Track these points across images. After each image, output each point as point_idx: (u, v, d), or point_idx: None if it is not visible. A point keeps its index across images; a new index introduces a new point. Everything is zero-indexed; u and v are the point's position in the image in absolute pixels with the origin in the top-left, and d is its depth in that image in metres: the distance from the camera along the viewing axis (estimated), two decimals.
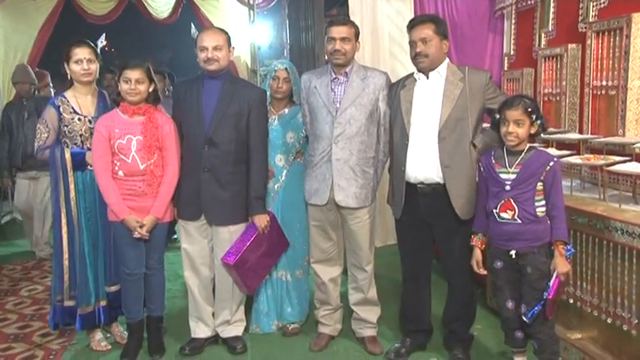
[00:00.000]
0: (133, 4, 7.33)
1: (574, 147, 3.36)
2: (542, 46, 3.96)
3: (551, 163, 2.51)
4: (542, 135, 3.36)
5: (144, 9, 7.39)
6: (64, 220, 3.00)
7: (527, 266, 2.54)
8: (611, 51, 3.19)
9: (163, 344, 3.18)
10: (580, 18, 3.58)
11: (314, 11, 5.65)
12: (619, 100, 3.11)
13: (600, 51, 3.27)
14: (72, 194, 2.98)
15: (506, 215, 2.55)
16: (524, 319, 2.54)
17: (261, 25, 8.13)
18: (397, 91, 2.92)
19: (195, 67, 3.24)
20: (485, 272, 2.74)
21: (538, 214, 2.52)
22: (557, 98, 3.68)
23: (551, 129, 3.61)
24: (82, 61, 2.99)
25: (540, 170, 2.50)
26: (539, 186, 2.51)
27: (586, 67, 3.39)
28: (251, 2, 7.67)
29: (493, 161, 2.61)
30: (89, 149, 2.99)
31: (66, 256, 3.03)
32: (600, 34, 3.26)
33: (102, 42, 3.21)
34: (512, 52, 4.45)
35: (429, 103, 2.80)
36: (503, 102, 2.60)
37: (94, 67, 3.05)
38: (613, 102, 3.17)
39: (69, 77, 3.07)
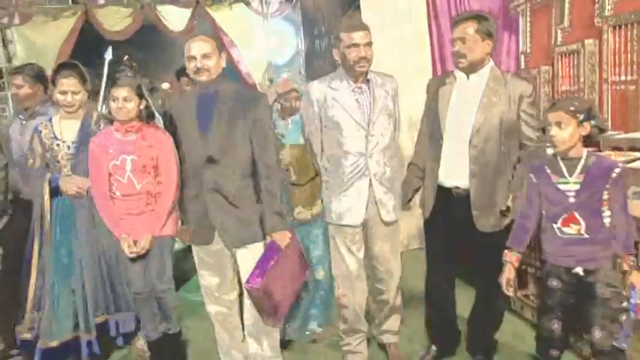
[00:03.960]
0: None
1: (595, 144, 3.29)
2: (559, 42, 3.89)
3: (617, 170, 2.25)
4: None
5: (160, 23, 7.48)
6: (35, 250, 2.97)
7: (596, 284, 2.29)
8: (628, 45, 3.13)
9: None
10: (596, 12, 3.51)
11: (328, 18, 5.65)
12: (639, 95, 3.04)
13: (617, 45, 3.21)
14: (47, 221, 2.94)
15: (570, 230, 2.31)
16: (618, 345, 2.23)
17: (275, 33, 8.18)
18: (437, 89, 2.72)
19: None
20: (512, 293, 2.54)
21: (606, 225, 2.29)
22: (576, 95, 3.61)
23: None
24: (67, 92, 2.96)
25: (606, 178, 2.25)
26: (605, 195, 2.27)
27: (604, 63, 3.33)
28: (265, 11, 7.73)
29: (548, 171, 2.35)
30: (67, 175, 2.96)
31: (33, 281, 2.99)
32: (617, 28, 3.20)
33: (109, 55, 3.21)
34: (528, 50, 4.38)
35: (466, 107, 2.63)
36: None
37: (79, 97, 2.99)
38: (633, 97, 3.11)
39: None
